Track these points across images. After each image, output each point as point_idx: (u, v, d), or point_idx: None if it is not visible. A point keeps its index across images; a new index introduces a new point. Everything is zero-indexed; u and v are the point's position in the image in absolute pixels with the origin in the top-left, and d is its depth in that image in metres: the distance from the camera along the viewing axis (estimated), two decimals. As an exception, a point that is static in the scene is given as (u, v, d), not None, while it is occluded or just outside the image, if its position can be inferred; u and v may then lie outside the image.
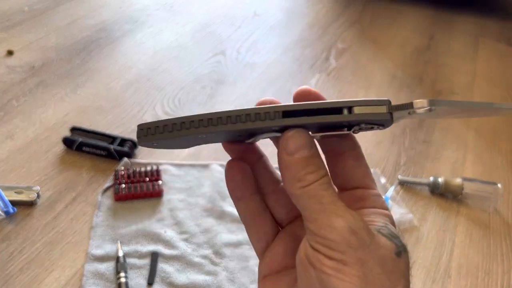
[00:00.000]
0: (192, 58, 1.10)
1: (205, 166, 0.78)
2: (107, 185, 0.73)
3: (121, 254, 0.62)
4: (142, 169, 0.74)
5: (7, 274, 0.60)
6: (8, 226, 0.66)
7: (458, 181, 0.77)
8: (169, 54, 1.10)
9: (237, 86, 1.02)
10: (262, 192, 0.32)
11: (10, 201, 0.67)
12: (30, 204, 0.69)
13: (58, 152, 0.79)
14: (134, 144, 0.80)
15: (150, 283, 0.60)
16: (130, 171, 0.74)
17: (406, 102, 0.24)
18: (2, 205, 0.66)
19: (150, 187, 0.72)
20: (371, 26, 1.35)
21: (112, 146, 0.78)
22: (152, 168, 0.75)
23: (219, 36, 1.20)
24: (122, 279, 0.59)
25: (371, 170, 0.78)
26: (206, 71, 1.05)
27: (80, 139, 0.78)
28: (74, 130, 0.82)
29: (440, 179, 0.77)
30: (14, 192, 0.69)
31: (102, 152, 0.77)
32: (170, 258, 0.64)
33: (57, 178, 0.74)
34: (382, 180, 0.79)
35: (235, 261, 0.64)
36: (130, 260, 0.63)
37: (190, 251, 0.65)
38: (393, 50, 1.23)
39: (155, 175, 0.74)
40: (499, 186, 0.77)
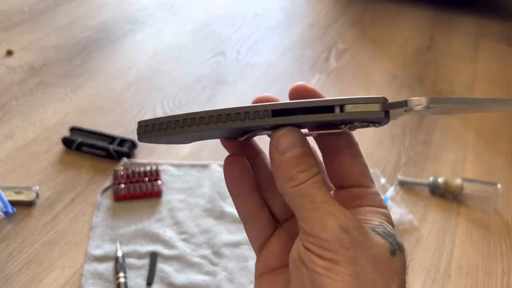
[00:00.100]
0: (192, 58, 1.09)
1: (204, 166, 0.78)
2: (107, 185, 0.73)
3: (120, 254, 0.62)
4: (142, 169, 0.74)
5: (6, 274, 0.60)
6: (7, 226, 0.66)
7: (458, 181, 0.77)
8: (169, 54, 1.10)
9: (237, 87, 1.02)
10: (260, 188, 0.31)
11: (9, 201, 0.67)
12: (30, 204, 0.69)
13: (57, 152, 0.79)
14: (134, 144, 0.80)
15: (149, 283, 0.60)
16: (130, 171, 0.74)
17: (401, 100, 0.24)
18: (1, 205, 0.66)
19: (150, 187, 0.72)
20: (372, 26, 1.35)
21: (111, 146, 0.78)
22: (151, 168, 0.75)
23: (219, 36, 1.20)
24: (121, 279, 0.59)
25: (371, 171, 0.79)
26: (206, 72, 1.05)
27: (79, 139, 0.78)
28: (73, 130, 0.82)
29: (440, 180, 0.77)
30: (14, 192, 0.69)
31: (101, 152, 0.77)
32: (169, 258, 0.63)
33: (56, 178, 0.74)
34: (382, 180, 0.79)
35: (234, 261, 0.64)
36: (129, 260, 0.63)
37: (190, 251, 0.65)
38: (393, 51, 1.23)
39: (155, 175, 0.74)
40: (499, 186, 0.77)
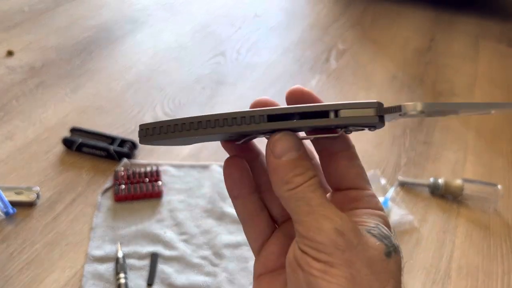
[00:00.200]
0: (192, 59, 1.09)
1: (205, 167, 0.78)
2: (107, 185, 0.73)
3: (120, 255, 0.62)
4: (142, 169, 0.74)
5: (7, 275, 0.60)
6: (7, 226, 0.66)
7: (458, 182, 0.77)
8: (169, 54, 1.10)
9: (237, 87, 1.02)
10: (260, 190, 0.31)
11: (10, 201, 0.67)
12: (30, 204, 0.69)
13: (58, 152, 0.79)
14: (134, 144, 0.80)
15: (150, 284, 0.60)
16: (130, 172, 0.74)
17: (396, 105, 0.24)
18: (1, 205, 0.66)
19: (150, 188, 0.72)
20: (372, 27, 1.35)
21: (112, 147, 0.78)
22: (151, 168, 0.75)
23: (219, 36, 1.20)
24: (122, 280, 0.59)
25: (372, 171, 0.79)
26: (206, 72, 1.05)
27: (80, 140, 0.78)
28: (74, 130, 0.82)
29: (440, 180, 0.77)
30: (14, 192, 0.69)
31: (102, 152, 0.77)
32: (169, 259, 0.63)
33: (57, 179, 0.74)
34: (382, 181, 0.79)
35: (235, 262, 0.64)
36: (130, 261, 0.63)
37: (190, 252, 0.65)
38: (393, 51, 1.23)
39: (155, 176, 0.74)
40: (499, 187, 0.77)
